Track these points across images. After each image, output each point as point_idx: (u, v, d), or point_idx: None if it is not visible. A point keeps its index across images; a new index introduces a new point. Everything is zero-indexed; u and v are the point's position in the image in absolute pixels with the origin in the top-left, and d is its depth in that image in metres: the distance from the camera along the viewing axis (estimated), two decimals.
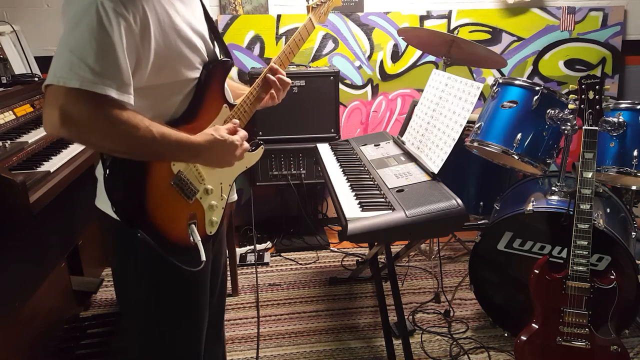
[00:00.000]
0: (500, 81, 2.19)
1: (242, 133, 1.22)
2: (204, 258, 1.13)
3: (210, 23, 1.26)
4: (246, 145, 1.23)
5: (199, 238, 1.16)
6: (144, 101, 1.07)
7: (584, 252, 1.75)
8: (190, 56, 1.14)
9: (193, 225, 1.16)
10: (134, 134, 1.00)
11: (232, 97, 1.35)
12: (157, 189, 1.10)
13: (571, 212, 1.79)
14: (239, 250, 3.01)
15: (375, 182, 1.89)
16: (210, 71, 1.19)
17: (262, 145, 1.38)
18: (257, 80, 1.37)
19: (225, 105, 1.26)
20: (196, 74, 1.17)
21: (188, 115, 1.16)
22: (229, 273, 2.43)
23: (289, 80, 1.40)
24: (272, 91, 1.37)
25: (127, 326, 1.32)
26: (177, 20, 1.09)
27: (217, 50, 1.26)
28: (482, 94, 2.00)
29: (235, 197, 1.44)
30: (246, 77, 3.05)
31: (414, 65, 3.25)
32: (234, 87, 1.43)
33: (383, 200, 1.72)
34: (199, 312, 1.32)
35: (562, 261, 1.94)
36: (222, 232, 1.48)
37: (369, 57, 3.21)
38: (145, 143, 1.02)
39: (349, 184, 1.92)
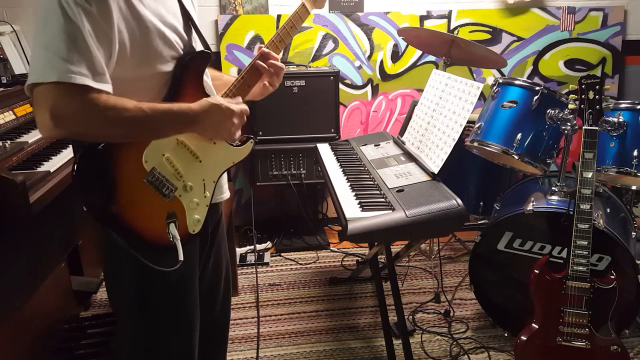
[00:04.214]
0: (500, 81, 2.18)
1: (242, 104, 1.20)
2: (181, 258, 1.09)
3: (189, 17, 1.22)
4: (244, 107, 1.21)
5: (178, 237, 1.11)
6: (115, 94, 1.05)
7: (584, 252, 1.75)
8: (162, 49, 1.10)
9: (172, 225, 1.12)
10: (125, 115, 1.00)
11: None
12: (128, 187, 1.08)
13: (571, 212, 1.79)
14: (239, 250, 3.01)
15: (375, 182, 1.89)
16: (186, 64, 1.16)
17: (251, 140, 1.31)
18: (245, 68, 1.31)
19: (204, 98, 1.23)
20: (169, 68, 1.13)
21: None
22: None
23: (281, 65, 1.34)
24: (266, 81, 1.33)
25: (120, 327, 1.30)
26: (143, 12, 1.06)
27: (198, 44, 1.22)
28: (482, 94, 2.00)
29: (227, 194, 1.37)
30: None
31: (414, 65, 3.25)
32: (228, 81, 1.41)
33: (383, 200, 1.71)
34: (189, 314, 1.28)
35: (562, 261, 1.94)
36: (220, 235, 1.46)
37: (369, 57, 3.21)
38: (139, 121, 1.03)
39: (349, 184, 1.92)
